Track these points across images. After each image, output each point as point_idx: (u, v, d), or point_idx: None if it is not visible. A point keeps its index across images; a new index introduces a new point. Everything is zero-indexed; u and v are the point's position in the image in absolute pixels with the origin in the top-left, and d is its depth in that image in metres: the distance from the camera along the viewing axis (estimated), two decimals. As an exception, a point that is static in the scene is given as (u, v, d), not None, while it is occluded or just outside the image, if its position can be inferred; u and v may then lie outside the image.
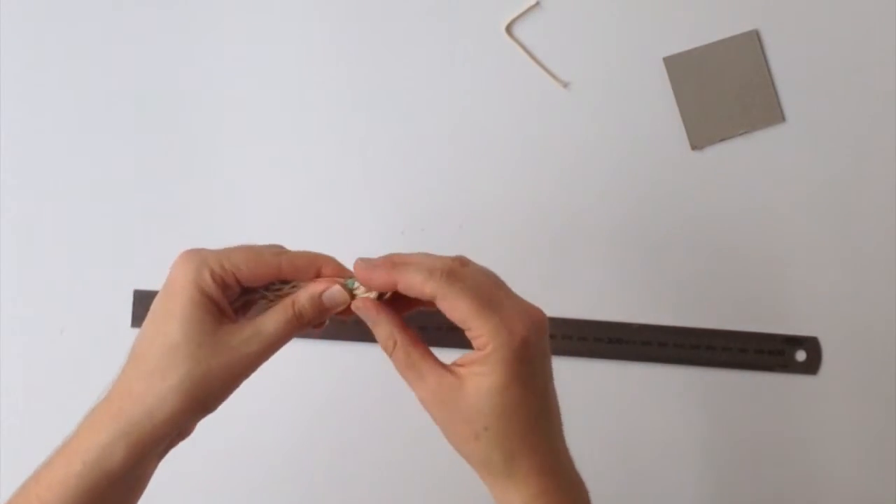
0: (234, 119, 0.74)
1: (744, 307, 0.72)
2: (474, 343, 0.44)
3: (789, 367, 0.72)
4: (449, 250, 0.73)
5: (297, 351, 0.50)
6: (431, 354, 0.46)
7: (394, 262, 0.46)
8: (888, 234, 0.72)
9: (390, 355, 0.46)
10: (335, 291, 0.47)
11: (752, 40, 0.72)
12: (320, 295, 0.47)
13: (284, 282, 0.48)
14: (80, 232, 0.74)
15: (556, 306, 0.72)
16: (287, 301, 0.47)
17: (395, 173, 0.73)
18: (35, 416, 0.73)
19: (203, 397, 0.45)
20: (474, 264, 0.46)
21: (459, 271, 0.44)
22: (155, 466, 0.47)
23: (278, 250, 0.48)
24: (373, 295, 0.47)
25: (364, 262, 0.46)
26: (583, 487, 0.48)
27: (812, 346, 0.72)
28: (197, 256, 0.46)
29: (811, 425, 0.72)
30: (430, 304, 0.46)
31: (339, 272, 0.48)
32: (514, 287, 0.47)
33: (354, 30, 0.74)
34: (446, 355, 0.47)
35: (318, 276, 0.48)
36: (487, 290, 0.44)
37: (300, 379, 0.72)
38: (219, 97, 0.74)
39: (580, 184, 0.73)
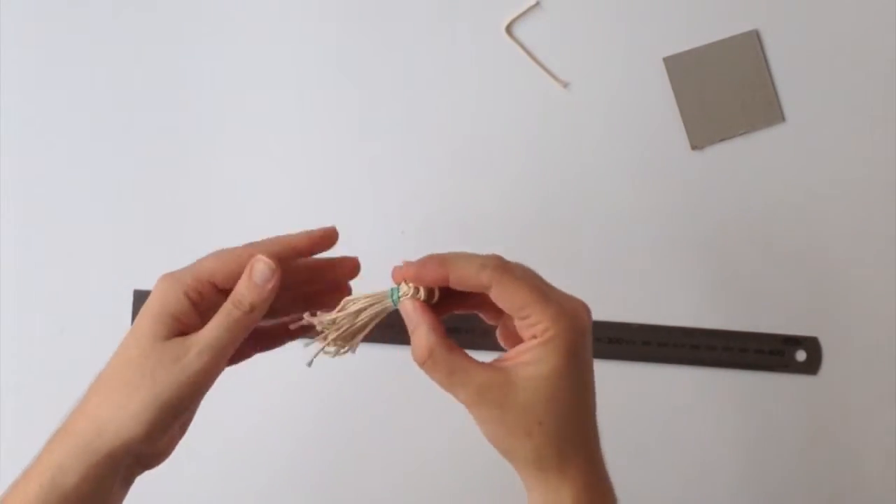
0: (235, 120, 0.74)
1: (744, 307, 0.72)
2: (529, 331, 0.44)
3: (789, 367, 0.72)
4: (448, 250, 0.73)
5: (301, 354, 0.50)
6: (471, 357, 0.45)
7: (440, 258, 0.45)
8: (888, 234, 0.72)
9: (424, 363, 0.44)
10: (261, 265, 0.46)
11: (752, 40, 0.72)
12: (250, 275, 0.46)
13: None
14: (80, 232, 0.74)
15: (556, 306, 0.72)
16: (226, 304, 0.46)
17: (395, 173, 0.73)
18: (35, 416, 0.73)
19: (154, 412, 0.44)
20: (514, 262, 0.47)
21: (509, 263, 0.45)
22: (121, 489, 0.46)
23: (249, 242, 0.47)
24: (421, 296, 0.46)
25: (411, 262, 0.46)
26: (610, 480, 0.48)
27: (812, 346, 0.72)
28: (171, 277, 0.46)
29: (811, 425, 0.72)
30: (473, 303, 0.46)
31: (312, 242, 0.48)
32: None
33: (355, 30, 0.74)
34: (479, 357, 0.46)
35: (296, 253, 0.48)
36: (538, 280, 0.45)
37: (305, 381, 0.71)
38: (219, 98, 0.74)
39: (580, 184, 0.73)
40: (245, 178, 0.74)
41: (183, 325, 0.45)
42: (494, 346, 0.48)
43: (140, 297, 0.72)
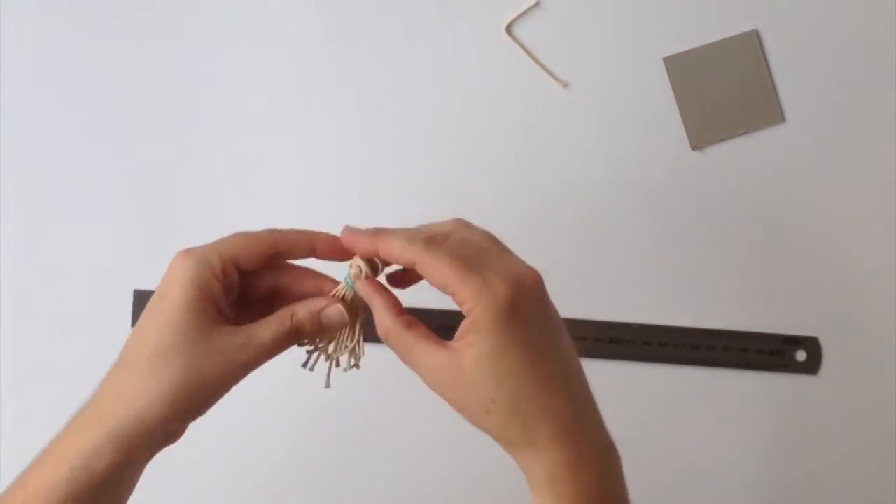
0: (234, 120, 0.74)
1: (744, 307, 0.72)
2: (461, 309, 0.43)
3: (789, 367, 0.72)
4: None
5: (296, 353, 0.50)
6: (429, 335, 0.44)
7: (377, 230, 0.46)
8: (888, 234, 0.72)
9: (386, 341, 0.45)
10: (333, 312, 0.47)
11: (752, 40, 0.72)
12: (319, 312, 0.47)
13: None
14: (80, 232, 0.74)
15: (556, 306, 0.72)
16: (285, 312, 0.46)
17: (394, 173, 0.73)
18: (35, 416, 0.73)
19: (193, 402, 0.44)
20: (468, 228, 0.46)
21: (441, 237, 0.44)
22: (143, 469, 0.47)
23: (271, 227, 0.48)
24: (363, 273, 0.47)
25: (349, 228, 0.47)
26: (613, 451, 0.46)
27: (812, 346, 0.72)
28: (196, 254, 0.45)
29: (811, 425, 0.72)
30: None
31: (333, 247, 0.47)
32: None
33: (354, 30, 0.74)
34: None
35: (313, 252, 0.47)
36: (471, 251, 0.44)
37: (301, 378, 0.71)
38: (218, 97, 0.74)
39: (580, 184, 0.73)
40: (245, 178, 0.74)
41: (216, 310, 0.45)
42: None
43: (140, 297, 0.72)
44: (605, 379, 0.72)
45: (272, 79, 0.74)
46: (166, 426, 0.44)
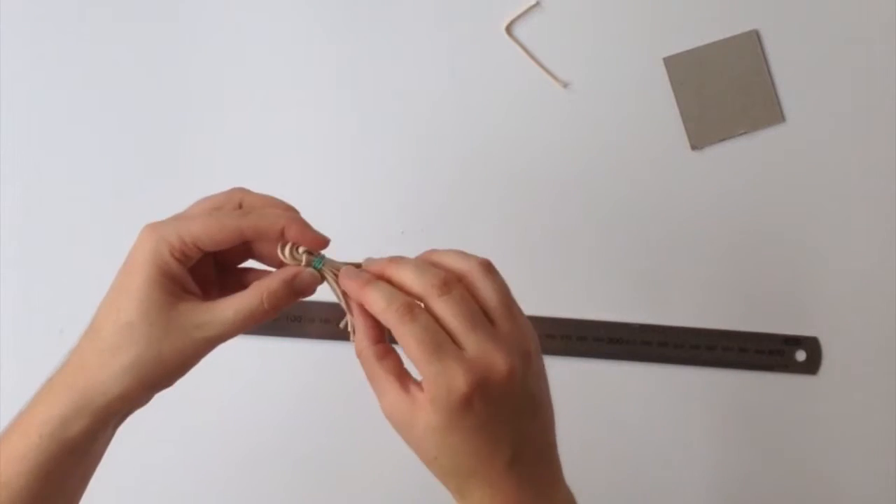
0: (234, 119, 0.74)
1: (744, 307, 0.72)
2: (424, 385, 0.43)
3: (789, 367, 0.72)
4: (446, 248, 0.73)
5: (277, 347, 0.50)
6: (398, 371, 0.44)
7: (371, 276, 0.45)
8: (888, 234, 0.72)
9: (358, 359, 0.46)
10: (306, 275, 0.47)
11: (752, 40, 0.72)
12: (293, 280, 0.47)
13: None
14: (80, 232, 0.74)
15: (557, 306, 0.72)
16: (254, 290, 0.46)
17: (395, 173, 0.73)
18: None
19: (155, 377, 0.45)
20: (483, 279, 0.45)
21: (420, 307, 0.43)
22: (112, 434, 0.48)
23: (239, 212, 0.47)
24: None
25: (348, 271, 0.47)
26: None
27: (812, 346, 0.72)
28: (157, 233, 0.45)
29: (811, 425, 0.72)
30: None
31: (302, 234, 0.47)
32: (513, 288, 0.46)
33: (355, 30, 0.74)
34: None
35: (281, 237, 0.47)
36: (448, 330, 0.43)
37: (275, 375, 0.72)
38: (219, 97, 0.74)
39: (580, 184, 0.73)
40: (245, 178, 0.74)
41: (179, 286, 0.46)
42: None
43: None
44: (606, 379, 0.73)
45: (271, 78, 0.74)
46: (130, 397, 0.45)
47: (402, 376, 0.44)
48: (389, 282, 0.45)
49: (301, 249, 0.47)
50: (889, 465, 0.72)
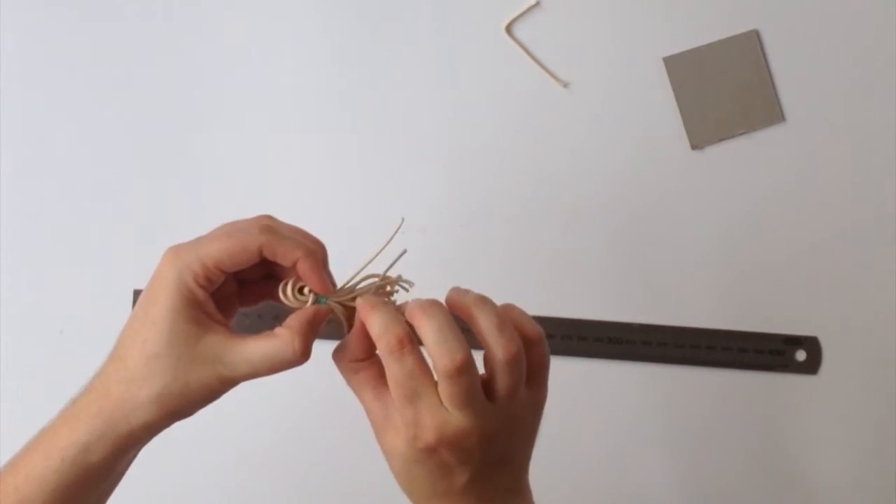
0: (234, 120, 0.74)
1: (744, 307, 0.72)
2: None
3: (789, 367, 0.72)
4: (449, 250, 0.74)
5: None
6: (374, 381, 0.45)
7: (380, 301, 0.46)
8: (888, 234, 0.72)
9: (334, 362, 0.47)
10: (323, 312, 0.47)
11: (752, 40, 0.72)
12: (314, 320, 0.46)
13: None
14: (80, 232, 0.74)
15: (557, 306, 0.72)
16: (287, 335, 0.45)
17: (394, 173, 0.73)
18: (35, 416, 0.73)
19: (179, 408, 0.45)
20: (512, 364, 0.44)
21: (410, 344, 0.43)
22: (132, 460, 0.48)
23: (259, 230, 0.46)
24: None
25: (364, 302, 0.46)
26: None
27: (812, 346, 0.72)
28: (179, 260, 0.45)
29: (811, 425, 0.72)
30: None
31: (311, 273, 0.46)
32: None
33: (354, 30, 0.74)
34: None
35: (293, 266, 0.47)
36: (422, 379, 0.43)
37: (275, 375, 0.71)
38: (219, 98, 0.74)
39: (580, 184, 0.73)
40: (245, 177, 0.74)
41: (205, 314, 0.45)
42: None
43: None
44: (605, 379, 0.73)
45: (271, 78, 0.74)
46: (154, 426, 0.45)
47: (378, 388, 0.45)
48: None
49: (307, 290, 0.47)
50: (889, 464, 0.72)
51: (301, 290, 0.47)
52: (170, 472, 0.71)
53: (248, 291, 0.50)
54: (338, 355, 0.46)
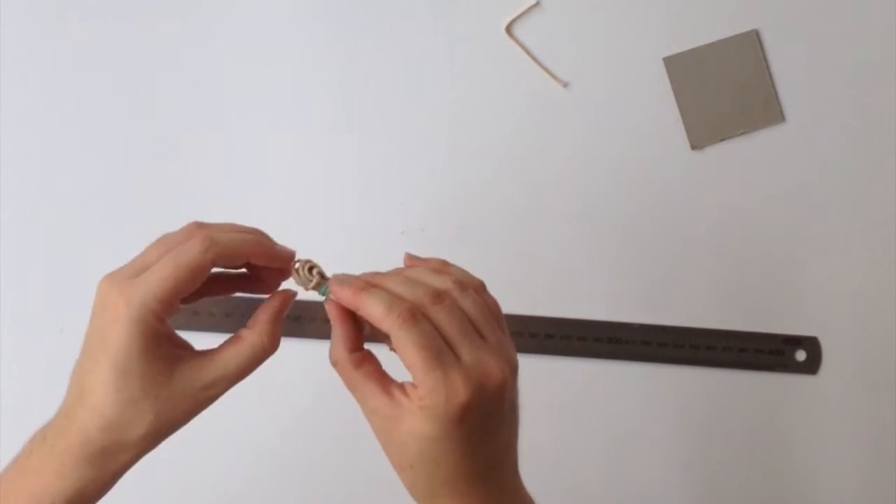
0: (234, 119, 0.74)
1: (744, 307, 0.72)
2: (417, 391, 0.43)
3: (789, 367, 0.72)
4: (449, 250, 0.73)
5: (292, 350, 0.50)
6: (379, 375, 0.44)
7: (366, 283, 0.45)
8: (888, 234, 0.72)
9: (334, 368, 0.46)
10: (289, 298, 0.47)
11: (752, 40, 0.72)
12: (281, 309, 0.47)
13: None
14: (80, 232, 0.74)
15: (557, 306, 0.72)
16: (252, 333, 0.46)
17: (394, 173, 0.73)
18: (35, 416, 0.73)
19: (169, 433, 0.45)
20: (457, 296, 0.44)
21: (421, 312, 0.43)
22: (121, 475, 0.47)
23: (203, 246, 0.44)
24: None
25: (338, 278, 0.46)
26: None
27: (812, 346, 0.72)
28: (133, 301, 0.43)
29: (811, 425, 0.72)
30: None
31: (269, 256, 0.46)
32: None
33: (354, 29, 0.74)
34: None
35: (247, 261, 0.46)
36: (445, 338, 0.43)
37: (275, 375, 0.72)
38: (218, 98, 0.74)
39: (580, 184, 0.73)
40: (244, 177, 0.74)
41: (170, 344, 0.45)
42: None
43: (140, 297, 0.73)
44: (606, 379, 0.73)
45: (271, 78, 0.74)
46: (142, 455, 0.45)
47: (384, 380, 0.44)
48: (359, 311, 0.45)
49: (315, 271, 0.47)
50: (889, 464, 0.72)
51: (310, 270, 0.47)
52: (169, 472, 0.71)
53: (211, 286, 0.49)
54: (337, 354, 0.45)
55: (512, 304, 0.72)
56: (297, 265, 0.47)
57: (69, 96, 0.74)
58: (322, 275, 0.47)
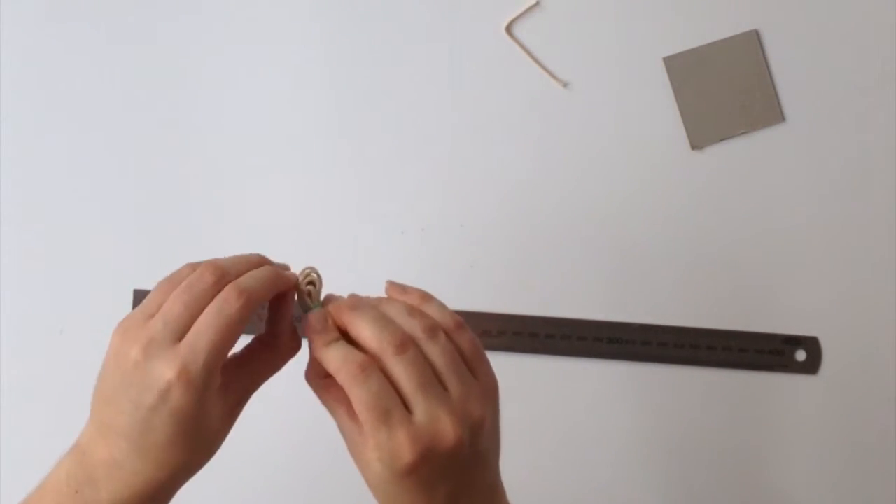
0: (234, 120, 0.74)
1: (744, 307, 0.72)
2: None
3: (789, 367, 0.72)
4: (449, 250, 0.73)
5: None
6: (346, 400, 0.43)
7: (332, 335, 0.45)
8: (888, 234, 0.72)
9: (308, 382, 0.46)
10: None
11: (752, 40, 0.72)
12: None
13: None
14: (81, 232, 0.74)
15: (557, 306, 0.72)
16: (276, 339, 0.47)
17: (394, 173, 0.73)
18: (35, 416, 0.73)
19: (204, 464, 0.46)
20: (429, 343, 0.44)
21: (373, 366, 0.42)
22: None
23: (239, 303, 0.43)
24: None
25: (314, 317, 0.46)
26: None
27: (812, 346, 0.72)
28: (187, 373, 0.41)
29: (811, 425, 0.72)
30: None
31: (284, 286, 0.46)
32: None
33: (354, 30, 0.74)
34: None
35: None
36: (400, 392, 0.42)
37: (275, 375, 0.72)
38: (218, 97, 0.74)
39: (580, 184, 0.73)
40: (244, 177, 0.74)
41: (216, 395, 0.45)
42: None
43: (140, 297, 0.72)
44: (606, 379, 0.73)
45: (271, 79, 0.74)
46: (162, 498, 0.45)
47: (351, 407, 0.44)
48: (347, 332, 0.45)
49: (312, 285, 0.47)
50: (889, 464, 0.72)
51: (310, 294, 0.47)
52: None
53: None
54: (308, 375, 0.46)
55: (512, 304, 0.72)
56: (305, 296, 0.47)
57: (69, 96, 0.74)
58: (313, 288, 0.47)
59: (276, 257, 0.48)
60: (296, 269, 0.48)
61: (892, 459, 0.72)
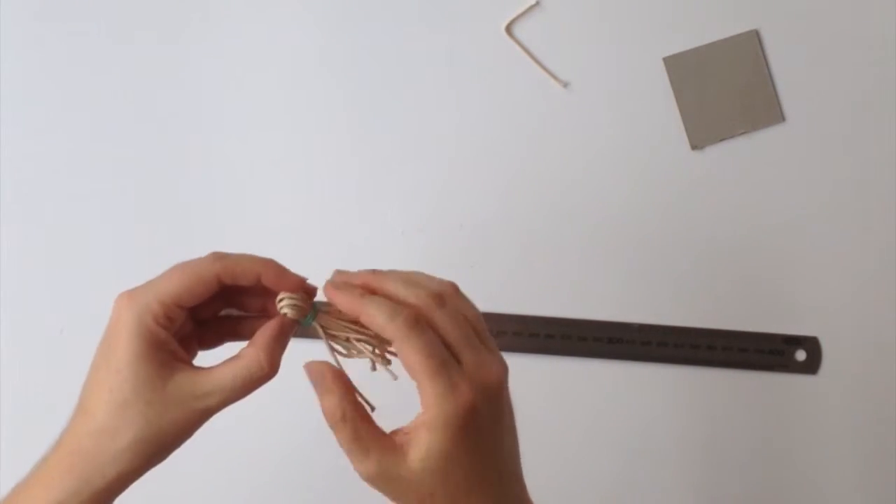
0: (233, 119, 0.74)
1: (744, 307, 0.72)
2: (421, 402, 0.42)
3: (789, 367, 0.72)
4: (448, 250, 0.73)
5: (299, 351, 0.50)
6: (375, 426, 0.44)
7: (365, 288, 0.44)
8: (888, 234, 0.72)
9: (334, 426, 0.44)
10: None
11: (752, 40, 0.72)
12: (282, 332, 0.46)
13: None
14: (81, 232, 0.74)
15: (557, 306, 0.72)
16: (249, 356, 0.45)
17: (394, 173, 0.73)
18: (35, 416, 0.73)
19: (155, 454, 0.44)
20: (454, 301, 0.44)
21: (424, 317, 0.43)
22: None
23: (212, 258, 0.45)
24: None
25: (334, 283, 0.45)
26: None
27: (812, 346, 0.72)
28: (137, 303, 0.44)
29: (811, 425, 0.72)
30: None
31: (279, 278, 0.46)
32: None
33: (355, 30, 0.74)
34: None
35: (257, 281, 0.46)
36: (447, 342, 0.43)
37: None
38: (218, 97, 0.74)
39: (580, 184, 0.73)
40: (245, 178, 0.74)
41: (169, 354, 0.44)
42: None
43: (140, 297, 0.73)
44: (606, 379, 0.73)
45: (271, 79, 0.74)
46: (129, 476, 0.44)
47: (380, 430, 0.44)
48: (359, 318, 0.44)
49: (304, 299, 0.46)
50: (889, 464, 0.72)
51: (301, 310, 0.46)
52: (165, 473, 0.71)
53: (207, 331, 0.49)
54: (342, 411, 0.44)
55: (512, 304, 0.72)
56: (284, 301, 0.46)
57: (70, 96, 0.74)
58: (306, 297, 0.46)
59: (275, 257, 0.48)
60: (296, 269, 0.48)
61: (892, 459, 0.72)
